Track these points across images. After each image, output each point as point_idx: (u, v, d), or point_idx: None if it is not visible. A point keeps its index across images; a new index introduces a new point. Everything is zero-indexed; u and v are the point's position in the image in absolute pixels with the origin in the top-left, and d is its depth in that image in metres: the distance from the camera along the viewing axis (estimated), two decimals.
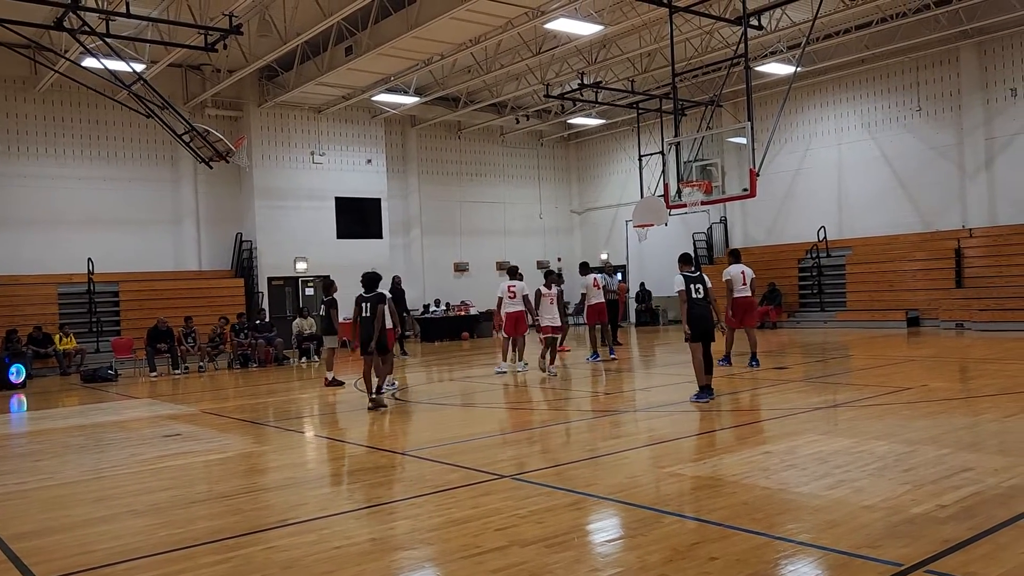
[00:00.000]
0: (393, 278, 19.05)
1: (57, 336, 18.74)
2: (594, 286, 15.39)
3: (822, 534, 4.53)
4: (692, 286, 9.62)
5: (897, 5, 18.99)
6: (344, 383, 13.53)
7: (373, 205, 25.24)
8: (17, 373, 16.29)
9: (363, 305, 10.37)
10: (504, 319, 13.90)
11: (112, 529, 5.35)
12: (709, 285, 9.77)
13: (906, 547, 4.24)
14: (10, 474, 7.69)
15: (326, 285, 14.53)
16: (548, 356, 13.30)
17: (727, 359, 13.10)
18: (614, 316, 16.92)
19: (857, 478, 5.69)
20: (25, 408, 13.41)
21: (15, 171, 20.26)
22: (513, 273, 14.38)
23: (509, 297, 13.90)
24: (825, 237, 23.30)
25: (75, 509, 5.99)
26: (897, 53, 21.57)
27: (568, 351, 16.98)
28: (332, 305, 13.86)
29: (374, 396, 10.44)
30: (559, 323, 13.82)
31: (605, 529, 5.09)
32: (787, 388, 10.83)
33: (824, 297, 23.19)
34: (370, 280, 10.56)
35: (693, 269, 9.91)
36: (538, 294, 13.66)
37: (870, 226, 23.00)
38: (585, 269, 16.04)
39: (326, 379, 13.46)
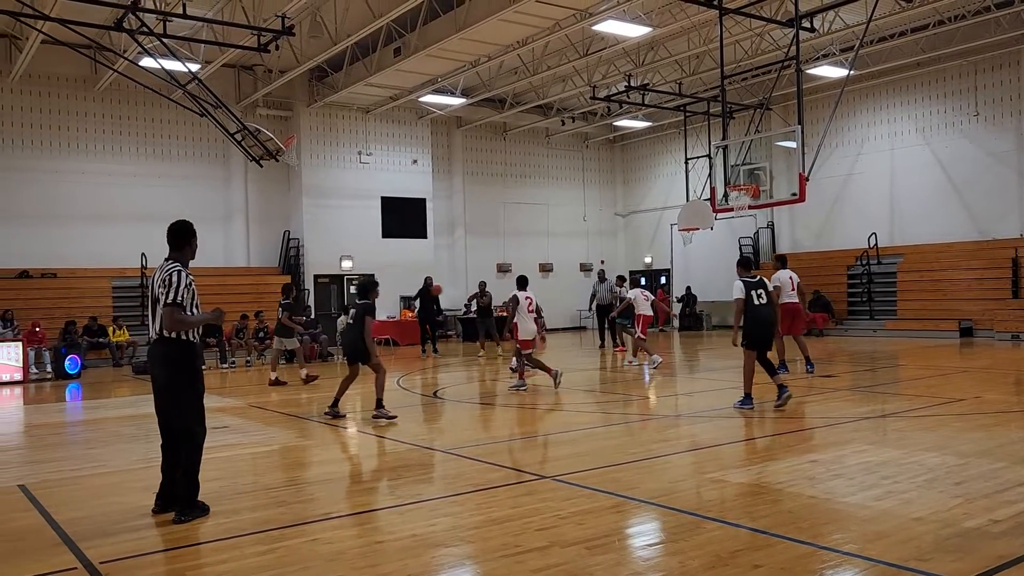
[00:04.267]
0: (425, 279, 19.75)
1: (111, 328, 19.25)
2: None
3: (869, 545, 4.44)
4: (753, 292, 9.32)
5: (956, 7, 18.53)
6: (286, 383, 13.83)
7: (418, 205, 25.43)
8: (73, 363, 16.78)
9: (351, 311, 9.85)
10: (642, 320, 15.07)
11: (161, 517, 5.47)
12: (771, 289, 9.46)
13: (957, 561, 4.14)
14: (65, 460, 7.93)
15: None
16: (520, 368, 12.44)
17: (783, 366, 12.88)
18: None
19: (906, 489, 5.56)
20: (80, 397, 13.81)
21: (75, 167, 20.87)
22: (636, 283, 16.38)
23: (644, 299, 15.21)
24: (876, 244, 22.84)
25: (126, 497, 6.14)
26: (954, 56, 21.05)
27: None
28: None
29: (331, 410, 9.95)
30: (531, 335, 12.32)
31: (646, 533, 5.06)
32: (834, 397, 10.63)
33: (874, 305, 22.71)
34: (361, 287, 9.92)
35: (753, 274, 9.59)
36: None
37: (923, 233, 22.48)
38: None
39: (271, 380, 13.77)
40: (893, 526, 4.76)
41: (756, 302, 9.29)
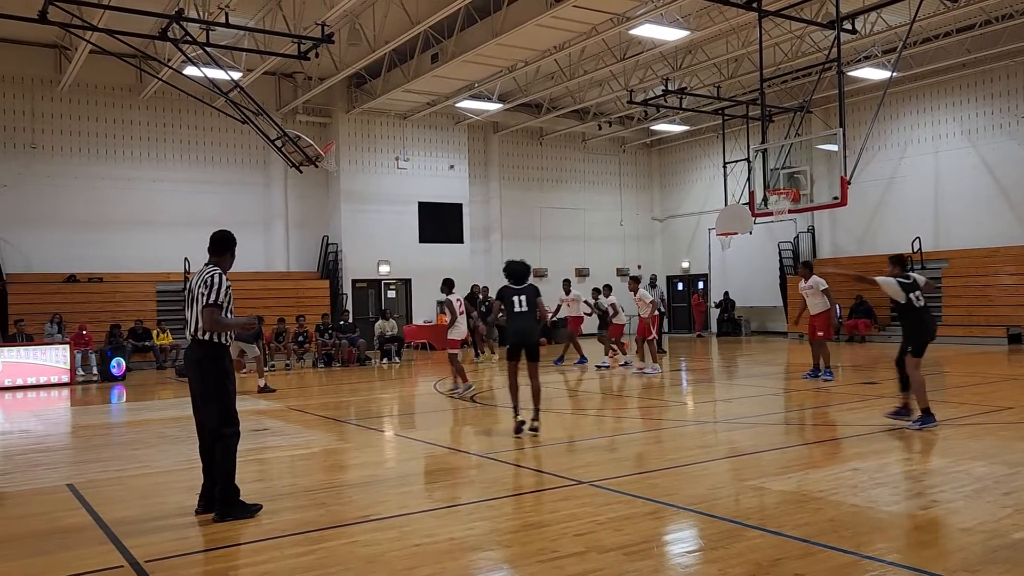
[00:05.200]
0: (472, 287, 19.70)
1: (155, 332, 19.64)
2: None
3: (914, 555, 4.36)
4: (912, 294, 8.30)
5: (1003, 6, 18.10)
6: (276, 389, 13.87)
7: (455, 210, 25.54)
8: (118, 366, 17.15)
9: (516, 299, 8.57)
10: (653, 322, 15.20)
11: (204, 517, 5.56)
12: (922, 285, 8.53)
13: (1007, 573, 4.04)
14: (111, 461, 8.11)
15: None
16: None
17: (828, 371, 12.75)
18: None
19: (953, 499, 5.44)
20: (124, 399, 14.10)
21: (121, 174, 21.34)
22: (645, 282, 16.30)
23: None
24: (920, 248, 22.38)
25: (170, 497, 6.26)
26: (1002, 57, 20.57)
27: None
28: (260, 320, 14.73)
29: (524, 420, 8.55)
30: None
31: (685, 540, 5.02)
32: (878, 404, 10.43)
33: None
34: (520, 271, 8.83)
35: (908, 274, 8.54)
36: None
37: (969, 238, 21.98)
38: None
39: (259, 387, 13.72)
40: (939, 536, 4.66)
41: (917, 304, 8.33)
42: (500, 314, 9.11)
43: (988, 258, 21.51)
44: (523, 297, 8.59)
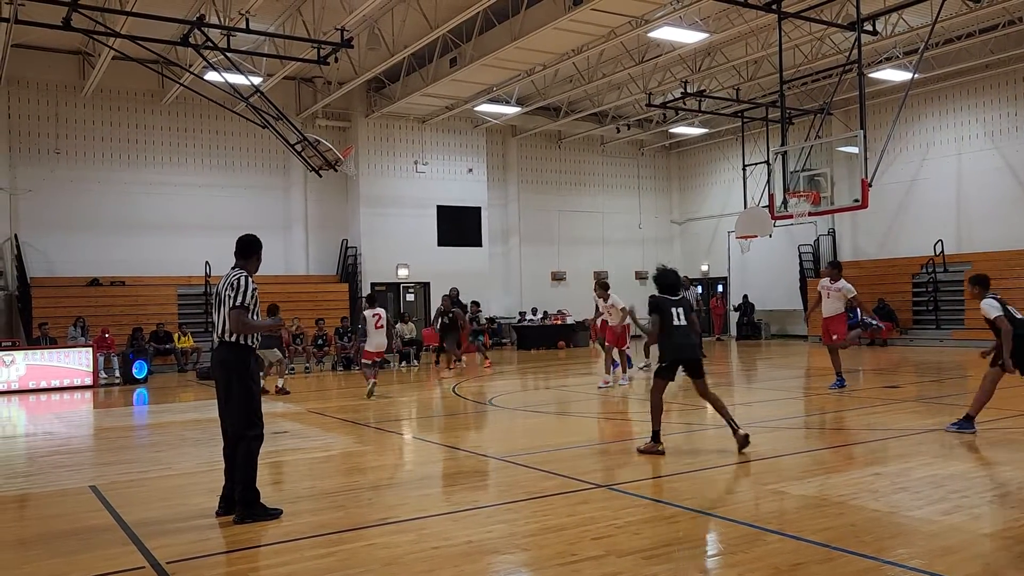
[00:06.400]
0: (451, 290, 19.40)
1: (176, 335, 19.82)
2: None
3: (936, 560, 4.31)
4: (1009, 308, 8.36)
5: None
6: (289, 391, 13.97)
7: (473, 214, 25.61)
8: (140, 369, 17.33)
9: (674, 312, 7.71)
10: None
11: (225, 519, 5.61)
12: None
13: None
14: (133, 463, 8.19)
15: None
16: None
17: (840, 379, 12.34)
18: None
19: (976, 504, 5.38)
20: (146, 402, 14.24)
21: (143, 179, 21.57)
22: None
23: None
24: (942, 251, 22.15)
25: (191, 499, 6.32)
26: None
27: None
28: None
29: (663, 449, 7.63)
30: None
31: (704, 544, 5.00)
32: (899, 408, 10.34)
33: (940, 314, 22.02)
34: (676, 282, 7.99)
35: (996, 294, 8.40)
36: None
37: (992, 240, 21.71)
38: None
39: (277, 387, 13.95)
40: (962, 541, 4.61)
41: (1017, 316, 8.30)
42: (644, 321, 8.11)
43: (1012, 260, 21.24)
44: (681, 310, 7.74)
